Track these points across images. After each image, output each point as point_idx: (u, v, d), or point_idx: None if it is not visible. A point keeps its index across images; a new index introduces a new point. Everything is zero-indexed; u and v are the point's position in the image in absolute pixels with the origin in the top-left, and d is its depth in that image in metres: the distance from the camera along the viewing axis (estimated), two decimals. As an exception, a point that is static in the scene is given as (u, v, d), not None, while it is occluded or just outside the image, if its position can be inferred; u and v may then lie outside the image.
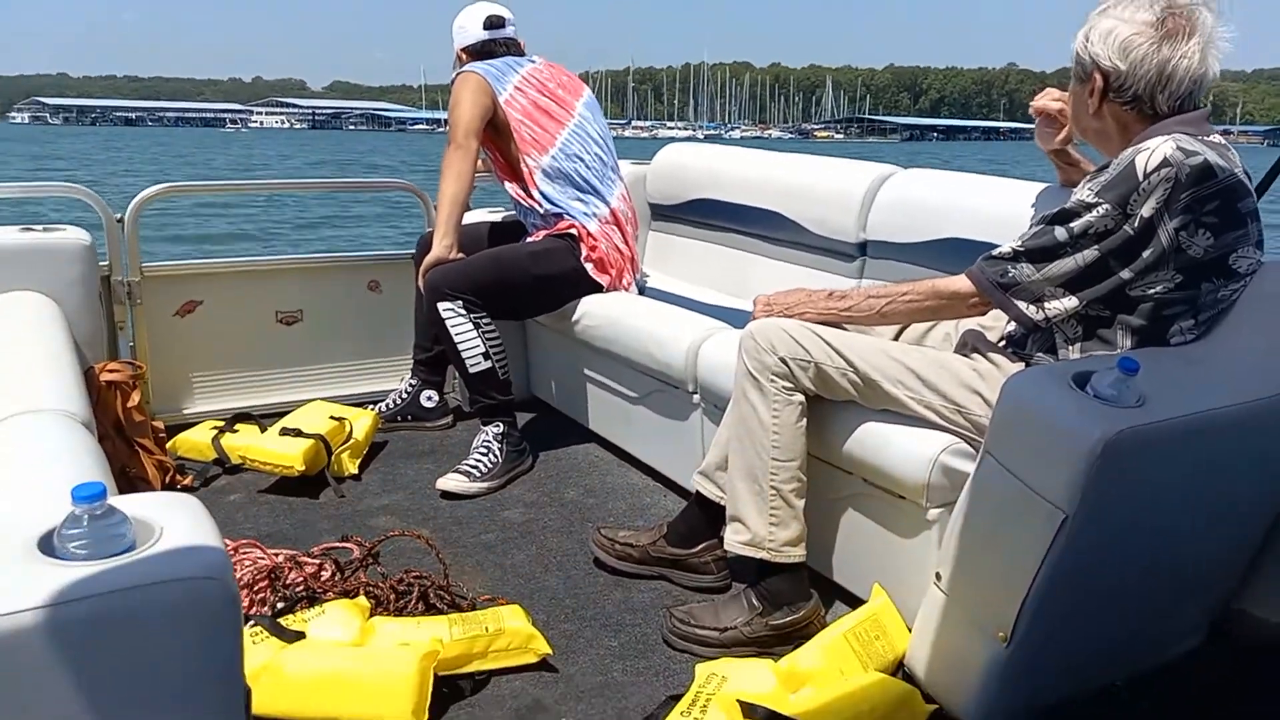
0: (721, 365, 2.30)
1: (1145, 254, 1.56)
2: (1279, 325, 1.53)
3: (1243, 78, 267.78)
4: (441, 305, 2.70)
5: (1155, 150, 1.52)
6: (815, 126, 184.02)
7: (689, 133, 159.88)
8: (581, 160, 2.95)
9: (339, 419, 2.86)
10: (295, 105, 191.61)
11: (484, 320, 2.74)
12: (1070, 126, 1.89)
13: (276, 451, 2.69)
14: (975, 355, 1.85)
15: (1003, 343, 1.89)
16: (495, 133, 2.94)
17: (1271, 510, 1.73)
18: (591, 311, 2.88)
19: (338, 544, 2.33)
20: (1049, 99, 1.98)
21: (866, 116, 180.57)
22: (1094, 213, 1.57)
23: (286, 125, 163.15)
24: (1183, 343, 1.62)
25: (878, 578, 1.91)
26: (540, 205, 2.91)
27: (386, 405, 3.19)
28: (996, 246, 1.73)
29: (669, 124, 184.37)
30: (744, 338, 1.93)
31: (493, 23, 3.03)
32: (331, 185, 5.83)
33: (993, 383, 1.71)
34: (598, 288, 2.92)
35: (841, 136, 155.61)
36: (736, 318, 2.60)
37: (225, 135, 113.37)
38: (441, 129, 3.49)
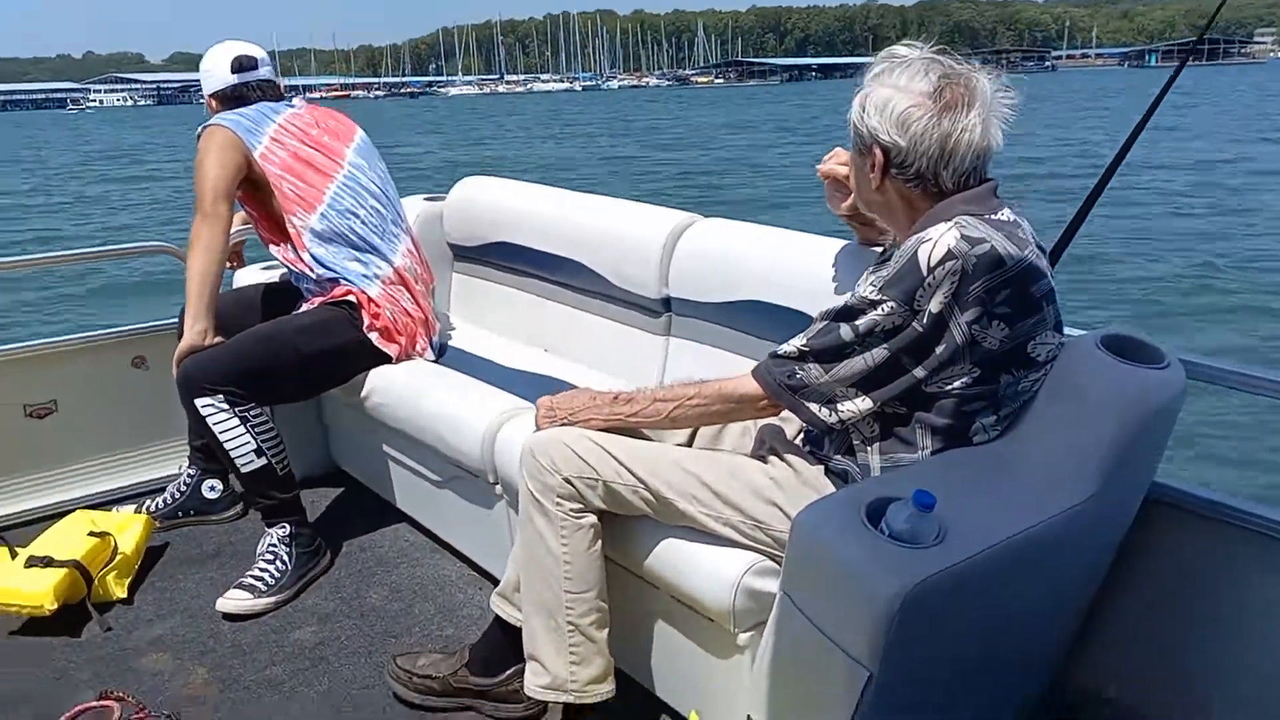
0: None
1: (938, 350, 1.48)
2: (1082, 418, 1.47)
3: (1086, 3, 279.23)
4: (199, 402, 2.39)
5: (939, 241, 1.44)
6: (692, 73, 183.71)
7: (565, 85, 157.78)
8: (355, 216, 2.65)
9: (101, 534, 2.51)
10: (138, 80, 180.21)
11: (252, 411, 2.44)
12: (854, 197, 1.75)
13: (22, 590, 2.33)
14: (773, 459, 1.74)
15: (800, 439, 1.79)
16: (255, 190, 2.64)
17: (1088, 596, 1.69)
18: (380, 388, 2.62)
19: (94, 704, 2.04)
20: (836, 162, 1.84)
21: (746, 60, 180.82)
22: (879, 310, 1.48)
23: (129, 103, 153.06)
24: (985, 440, 1.55)
25: (699, 699, 1.82)
26: (313, 270, 2.61)
27: (164, 501, 2.86)
28: (791, 319, 1.67)
29: (542, 77, 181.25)
30: (524, 455, 1.78)
31: (243, 64, 2.71)
32: (75, 258, 3.85)
33: (791, 492, 1.64)
34: (386, 358, 2.65)
35: (722, 81, 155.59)
36: (540, 388, 2.40)
37: (66, 117, 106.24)
38: (301, 95, 3.10)
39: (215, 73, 2.72)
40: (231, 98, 2.69)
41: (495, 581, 2.41)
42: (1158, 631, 1.75)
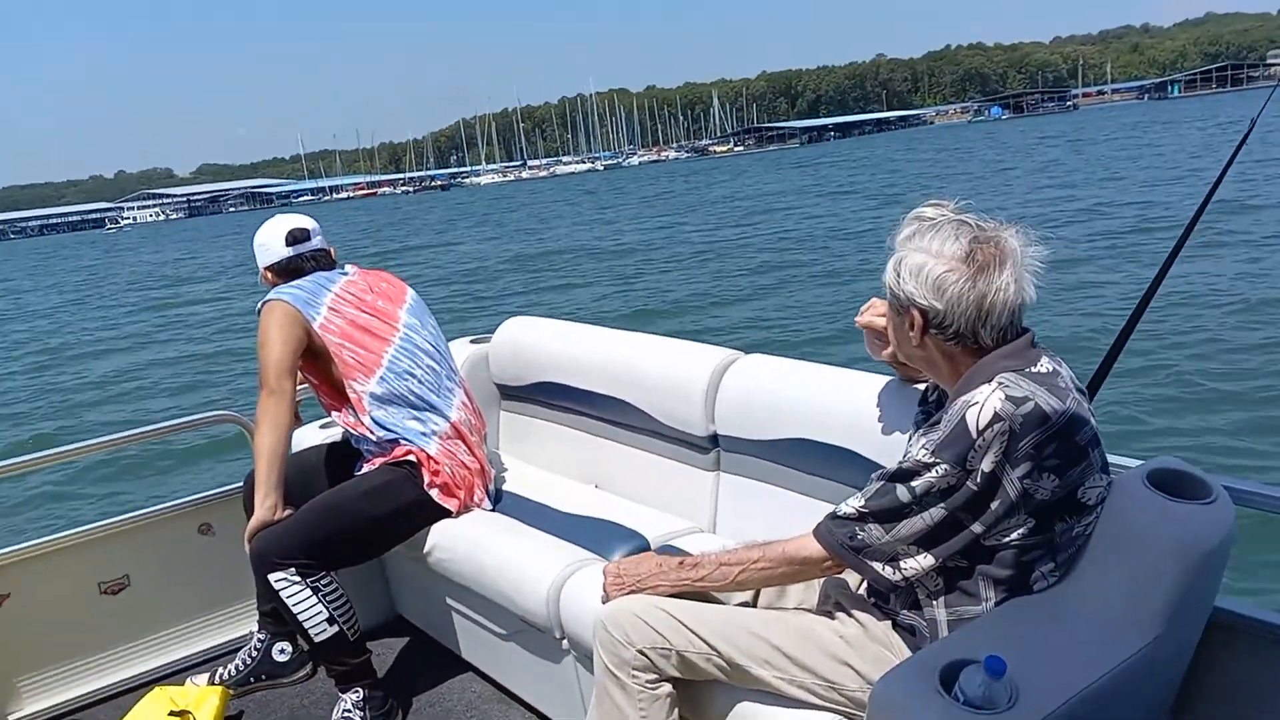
0: (586, 612, 2.15)
1: (994, 506, 1.53)
2: (1136, 560, 1.51)
3: (1091, 40, 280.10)
4: (273, 577, 2.45)
5: (985, 405, 1.51)
6: (710, 142, 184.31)
7: (587, 166, 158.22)
8: (413, 376, 2.73)
9: (181, 713, 2.58)
10: (168, 195, 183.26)
11: (324, 581, 2.50)
12: (894, 349, 1.81)
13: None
14: (840, 615, 1.78)
15: (865, 590, 1.82)
16: (315, 359, 2.71)
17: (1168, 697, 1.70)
18: (442, 544, 2.66)
19: None
20: (874, 314, 1.91)
21: (763, 125, 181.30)
22: (934, 472, 1.54)
23: (162, 217, 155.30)
24: (1045, 586, 1.60)
25: None
26: (373, 433, 2.68)
27: (236, 668, 2.88)
28: (845, 493, 1.71)
29: (563, 159, 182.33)
30: (596, 628, 1.83)
31: (296, 237, 2.80)
32: (138, 436, 3.65)
33: (861, 650, 1.69)
34: (447, 513, 2.69)
35: (741, 149, 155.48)
36: (598, 533, 2.53)
37: (104, 237, 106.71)
38: (327, 198, 3.01)
39: (271, 247, 2.79)
40: (287, 270, 2.77)
41: None
42: None
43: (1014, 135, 64.32)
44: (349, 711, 2.54)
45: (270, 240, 2.81)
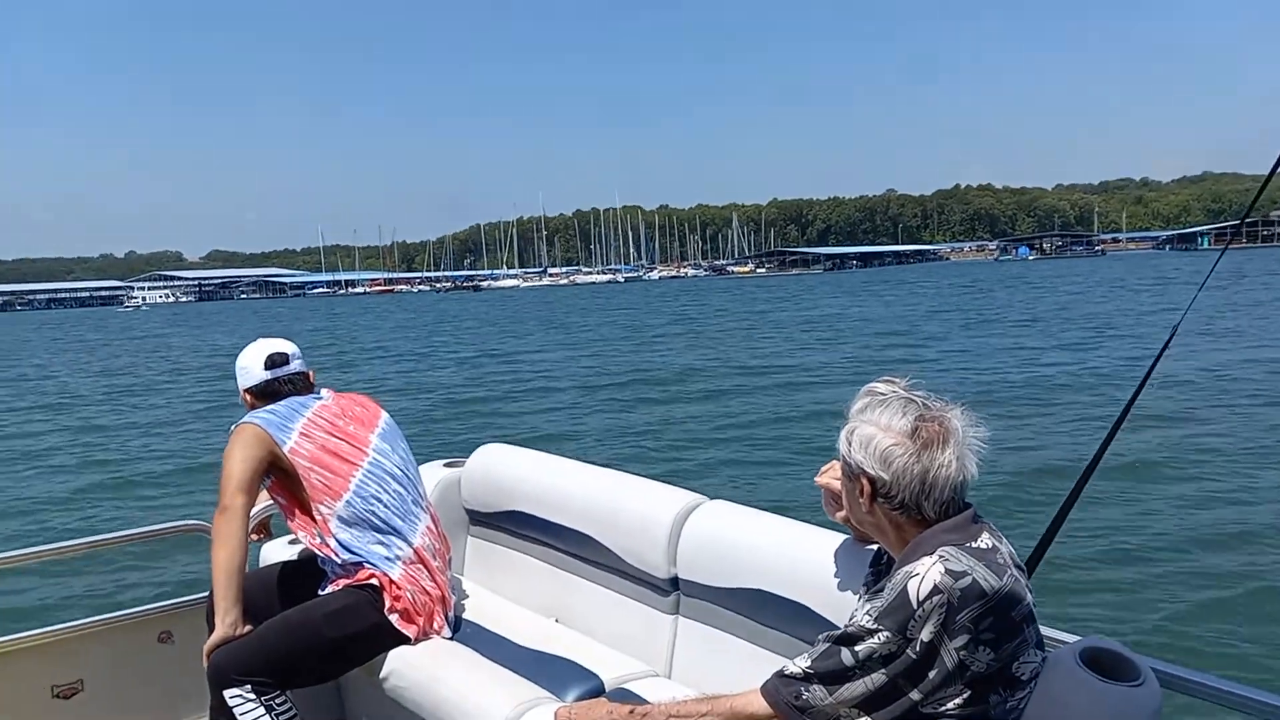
0: None
1: (931, 675, 1.60)
2: None
3: (1092, 190, 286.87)
4: (228, 693, 2.47)
5: (925, 576, 1.59)
6: (727, 262, 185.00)
7: (609, 277, 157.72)
8: (379, 500, 2.79)
9: None
10: (179, 277, 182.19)
11: (278, 700, 2.52)
12: (847, 511, 1.91)
13: None
14: None
15: None
16: (285, 480, 2.78)
17: None
18: (399, 670, 2.67)
19: None
20: (832, 476, 2.00)
21: (786, 250, 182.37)
22: (876, 638, 1.61)
23: (172, 299, 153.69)
24: None
25: None
26: (337, 554, 2.73)
27: None
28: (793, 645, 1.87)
29: (584, 269, 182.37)
30: None
31: (275, 361, 2.93)
32: (102, 542, 3.66)
33: None
34: (405, 639, 2.72)
35: (764, 271, 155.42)
36: (553, 670, 2.57)
37: (123, 314, 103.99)
38: (343, 292, 3.37)
39: (251, 370, 2.92)
40: (265, 393, 2.89)
41: None
42: None
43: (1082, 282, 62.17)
44: None
45: (250, 364, 2.92)
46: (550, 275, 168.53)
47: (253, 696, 2.46)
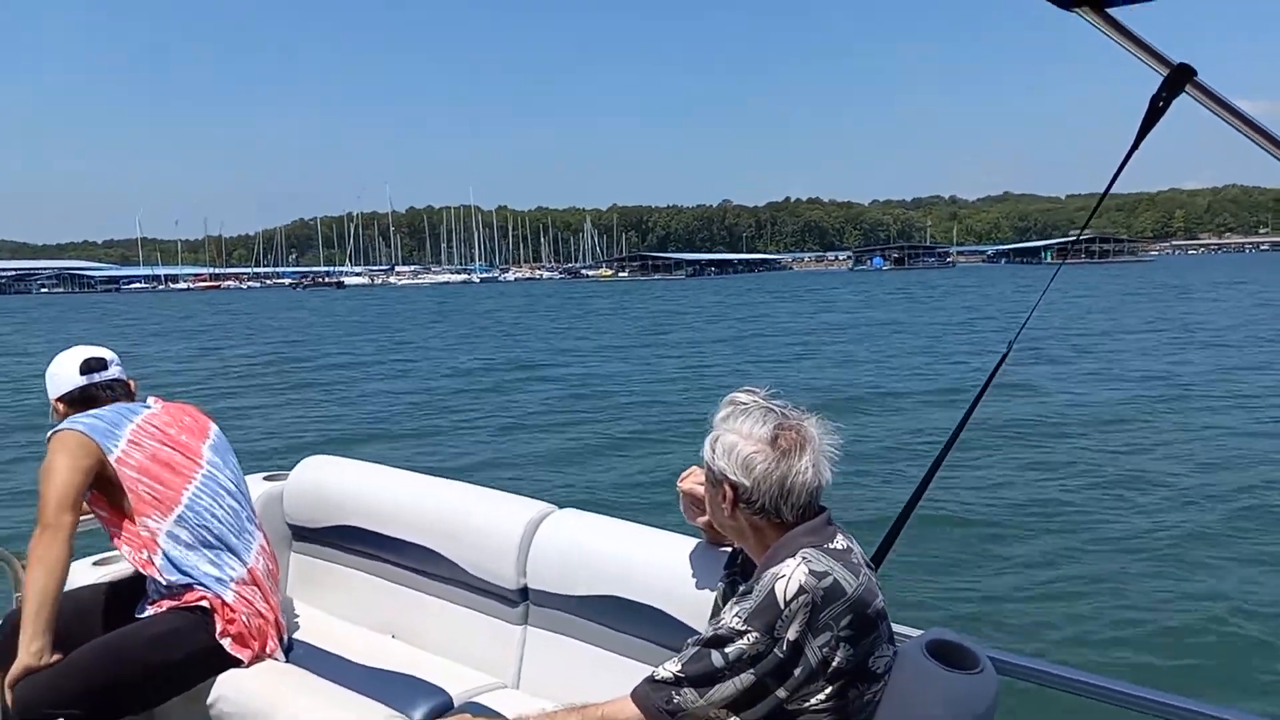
0: None
1: (797, 672, 1.69)
2: None
3: (906, 205, 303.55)
4: None
5: (791, 577, 1.68)
6: (582, 266, 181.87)
7: (463, 277, 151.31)
8: (213, 516, 2.64)
9: None
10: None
11: None
12: (709, 516, 1.96)
13: None
14: None
15: None
16: (106, 490, 2.57)
17: None
18: (230, 696, 2.53)
19: None
20: (694, 481, 2.05)
21: (649, 254, 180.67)
22: (745, 640, 1.69)
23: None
24: None
25: None
26: (163, 575, 2.54)
27: None
28: (660, 661, 1.82)
29: (434, 268, 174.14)
30: None
31: (92, 366, 2.70)
32: None
33: None
34: (237, 662, 2.58)
35: (626, 275, 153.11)
36: (400, 690, 2.49)
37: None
38: (163, 287, 2.70)
39: (62, 375, 2.67)
40: (81, 400, 2.65)
41: None
42: None
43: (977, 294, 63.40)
44: None
45: (63, 370, 2.69)
46: (397, 273, 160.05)
47: None
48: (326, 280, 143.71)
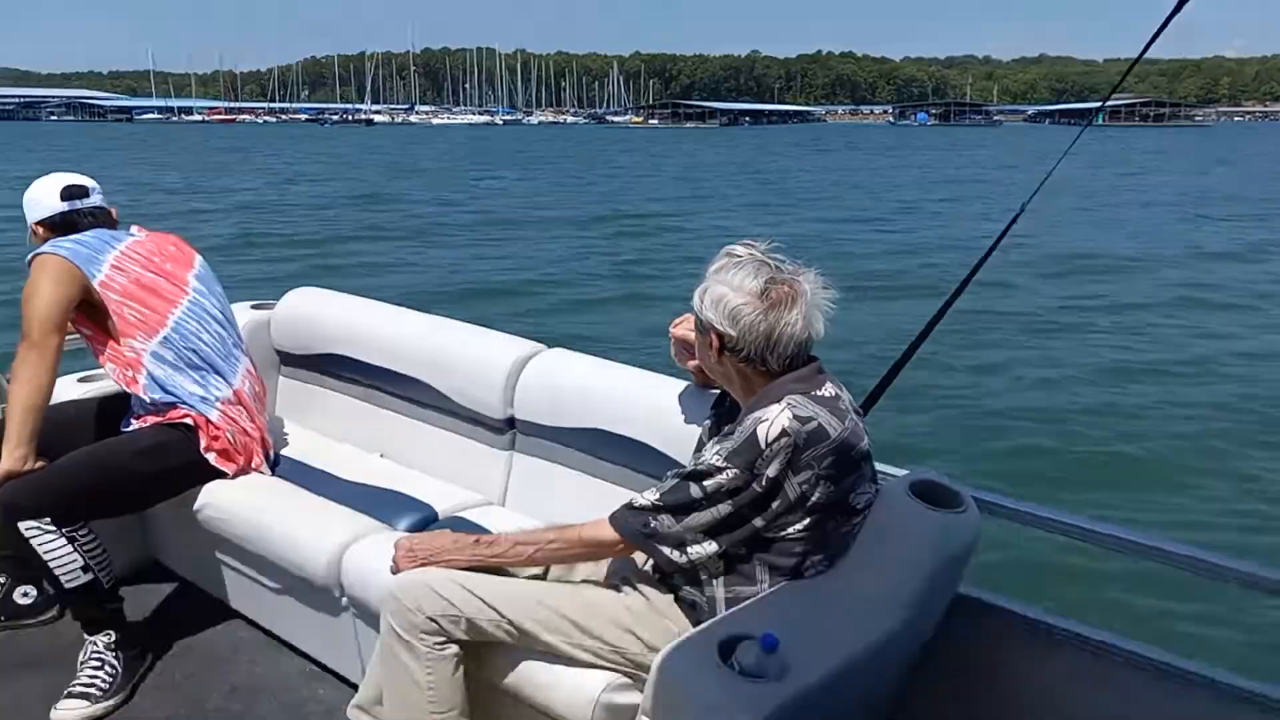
0: (370, 577, 2.17)
1: (775, 505, 1.74)
2: (896, 559, 1.76)
3: (939, 63, 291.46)
4: (24, 525, 2.33)
5: (774, 421, 1.70)
6: (607, 111, 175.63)
7: (486, 119, 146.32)
8: (200, 339, 2.65)
9: None
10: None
11: (80, 531, 2.40)
12: (698, 361, 1.99)
13: None
14: (625, 588, 1.93)
15: (650, 566, 1.94)
16: (91, 312, 2.58)
17: (897, 689, 1.95)
18: (215, 503, 2.59)
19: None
20: (686, 327, 2.06)
21: (681, 102, 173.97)
22: (724, 475, 1.73)
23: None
24: (815, 574, 1.80)
25: None
26: (147, 393, 2.57)
27: None
28: (637, 444, 2.07)
29: (454, 109, 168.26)
30: (387, 599, 1.91)
31: (73, 192, 2.67)
32: None
33: (644, 620, 1.86)
34: (222, 475, 2.63)
35: (657, 122, 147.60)
36: (386, 503, 2.55)
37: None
38: (177, 118, 2.84)
39: (43, 200, 2.65)
40: (61, 225, 2.63)
41: (338, 677, 2.47)
42: (956, 715, 2.02)
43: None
44: (99, 653, 2.44)
45: (43, 195, 2.66)
46: (418, 113, 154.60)
47: (53, 528, 2.33)
48: (354, 117, 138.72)
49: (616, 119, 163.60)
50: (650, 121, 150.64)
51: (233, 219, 21.69)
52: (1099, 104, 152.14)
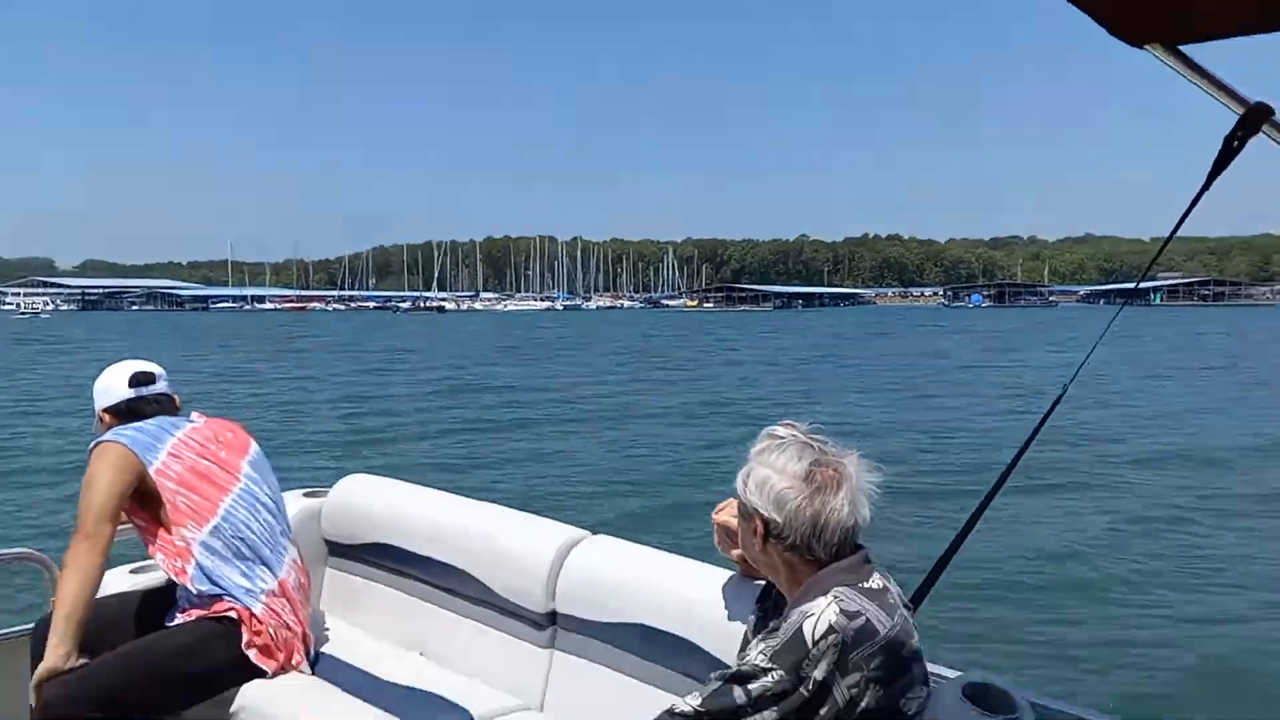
0: None
1: (822, 712, 1.62)
2: None
3: (984, 244, 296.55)
4: None
5: (821, 617, 1.62)
6: (662, 296, 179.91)
7: (546, 305, 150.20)
8: (249, 528, 2.67)
9: None
10: (60, 284, 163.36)
11: None
12: (741, 549, 1.95)
13: None
14: None
15: None
16: (145, 500, 2.61)
17: None
18: (253, 707, 2.55)
19: None
20: (729, 513, 2.02)
21: (734, 286, 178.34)
22: (769, 678, 1.62)
23: (51, 307, 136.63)
24: None
25: None
26: (194, 585, 2.57)
27: None
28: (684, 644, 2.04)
29: (518, 295, 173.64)
30: None
31: (140, 379, 2.76)
32: None
33: None
34: (261, 673, 2.59)
35: (712, 305, 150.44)
36: (423, 708, 2.51)
37: (17, 323, 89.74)
38: (249, 307, 3.13)
39: (113, 388, 2.73)
40: (127, 412, 2.71)
41: None
42: None
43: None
44: None
45: (113, 383, 2.75)
46: (482, 300, 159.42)
47: None
48: (426, 305, 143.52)
49: (670, 302, 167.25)
50: (705, 305, 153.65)
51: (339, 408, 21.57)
52: (1153, 283, 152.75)
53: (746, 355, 41.72)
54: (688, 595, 2.29)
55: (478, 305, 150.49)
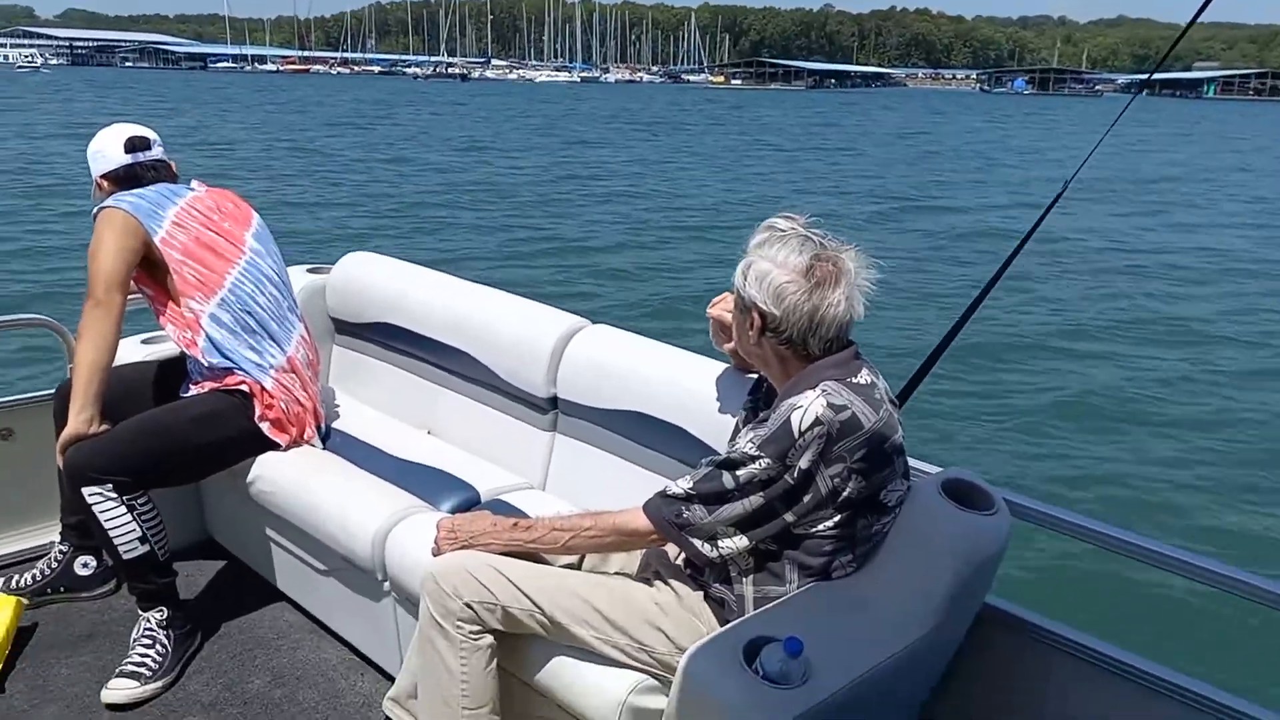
0: (411, 558, 2.20)
1: (806, 499, 1.70)
2: (925, 561, 1.72)
3: (1012, 24, 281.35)
4: (87, 491, 2.37)
5: (808, 409, 1.66)
6: (682, 69, 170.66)
7: (565, 75, 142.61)
8: (255, 302, 2.64)
9: None
10: (48, 36, 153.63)
11: (140, 500, 2.43)
12: (735, 343, 1.96)
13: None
14: (657, 583, 1.93)
15: (682, 560, 1.95)
16: (152, 270, 2.59)
17: (923, 699, 1.92)
18: (267, 476, 2.62)
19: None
20: (724, 307, 2.04)
21: (766, 60, 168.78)
22: (757, 465, 1.68)
23: (39, 61, 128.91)
24: (843, 575, 1.78)
25: None
26: (205, 357, 2.58)
27: (34, 576, 2.77)
28: (677, 430, 2.12)
29: (532, 63, 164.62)
30: (425, 580, 1.90)
31: (136, 145, 2.67)
32: None
33: (674, 616, 1.85)
34: (275, 446, 2.65)
35: (740, 83, 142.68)
36: (428, 481, 2.57)
37: (20, 77, 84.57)
38: (250, 67, 3.75)
39: (107, 153, 2.65)
40: (125, 178, 2.64)
41: (376, 668, 2.52)
42: None
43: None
44: (151, 630, 2.48)
45: (106, 147, 2.66)
46: (494, 68, 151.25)
47: (114, 495, 2.36)
48: (447, 73, 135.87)
49: (693, 78, 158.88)
50: (733, 82, 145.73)
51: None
52: (1209, 74, 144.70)
53: (838, 141, 39.68)
54: (682, 385, 2.32)
55: (490, 74, 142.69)
